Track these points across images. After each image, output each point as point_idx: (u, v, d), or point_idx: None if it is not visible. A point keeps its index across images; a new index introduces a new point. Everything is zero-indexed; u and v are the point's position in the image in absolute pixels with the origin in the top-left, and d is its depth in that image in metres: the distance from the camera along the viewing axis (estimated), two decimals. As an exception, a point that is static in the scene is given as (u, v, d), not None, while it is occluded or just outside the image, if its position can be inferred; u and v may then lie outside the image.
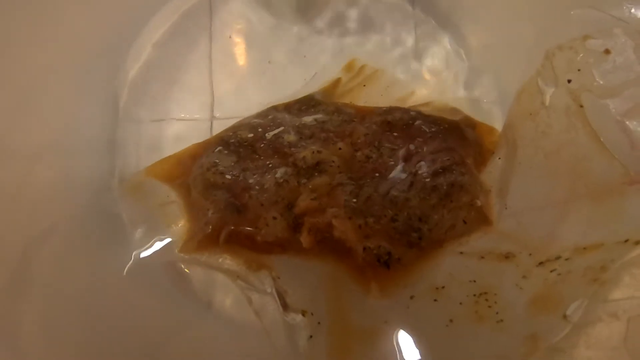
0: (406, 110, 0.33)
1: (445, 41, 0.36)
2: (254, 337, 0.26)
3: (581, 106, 0.22)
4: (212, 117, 0.35)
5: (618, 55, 0.22)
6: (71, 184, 0.30)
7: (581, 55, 0.22)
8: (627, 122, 0.21)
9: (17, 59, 0.27)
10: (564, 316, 0.20)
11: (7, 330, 0.22)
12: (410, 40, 0.37)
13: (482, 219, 0.27)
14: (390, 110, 0.32)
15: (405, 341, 0.22)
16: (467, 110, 0.34)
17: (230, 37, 0.36)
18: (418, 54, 0.36)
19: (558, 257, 0.22)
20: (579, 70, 0.22)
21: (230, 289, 0.28)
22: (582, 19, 0.23)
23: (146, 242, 0.29)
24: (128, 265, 0.28)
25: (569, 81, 0.23)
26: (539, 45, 0.26)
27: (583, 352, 0.18)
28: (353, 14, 0.38)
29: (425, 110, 0.34)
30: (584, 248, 0.22)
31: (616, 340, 0.18)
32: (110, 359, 0.24)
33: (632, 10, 0.21)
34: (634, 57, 0.21)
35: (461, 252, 0.26)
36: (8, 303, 0.23)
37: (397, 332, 0.22)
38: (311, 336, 0.22)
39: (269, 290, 0.24)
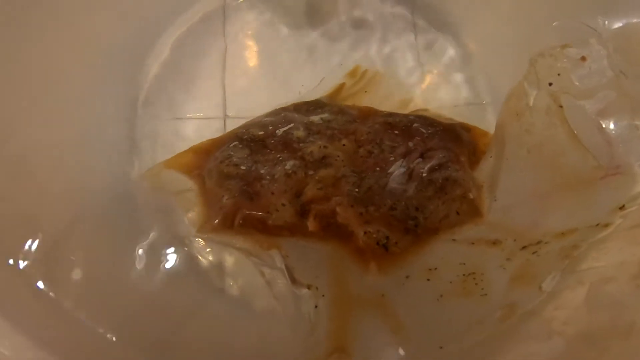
0: (406, 115, 0.35)
1: (444, 49, 0.39)
2: (263, 315, 0.28)
3: (560, 106, 0.25)
4: (225, 116, 0.37)
5: (593, 62, 0.24)
6: (93, 177, 0.31)
7: (560, 61, 0.25)
8: (601, 121, 0.24)
9: (42, 58, 0.29)
10: (540, 287, 0.22)
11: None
12: (410, 49, 0.39)
13: (473, 211, 0.29)
14: (391, 114, 0.35)
15: (399, 310, 0.24)
16: (465, 114, 0.37)
17: (242, 42, 0.39)
18: (418, 62, 0.39)
19: (539, 242, 0.25)
20: (558, 74, 0.25)
21: (240, 274, 0.31)
22: (563, 29, 0.26)
23: (164, 228, 0.31)
24: (147, 252, 0.30)
25: (550, 84, 0.25)
26: (526, 53, 0.28)
27: (551, 312, 0.21)
28: (357, 23, 0.40)
29: (424, 114, 0.36)
30: (562, 233, 0.24)
31: (578, 300, 0.21)
32: (131, 339, 0.26)
33: (606, 23, 0.24)
34: (606, 64, 0.24)
35: (454, 240, 0.28)
36: (46, 285, 0.25)
37: (393, 303, 0.25)
38: (316, 306, 0.25)
39: (279, 265, 0.27)
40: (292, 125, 0.33)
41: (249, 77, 0.38)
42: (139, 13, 0.37)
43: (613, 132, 0.24)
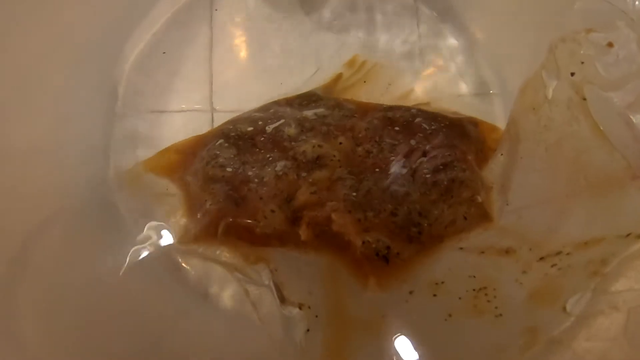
0: (407, 108, 0.32)
1: (448, 36, 0.36)
2: (250, 329, 0.26)
3: (584, 99, 0.22)
4: (212, 109, 0.34)
5: (621, 48, 0.21)
6: (68, 176, 0.29)
7: (584, 48, 0.22)
8: (631, 115, 0.21)
9: (13, 49, 0.27)
10: (564, 309, 0.20)
11: (5, 323, 0.22)
12: (412, 36, 0.37)
13: (482, 215, 0.27)
14: (392, 107, 0.32)
15: (403, 334, 0.22)
16: (470, 106, 0.34)
17: (231, 30, 0.36)
18: (420, 50, 0.36)
19: (559, 252, 0.22)
20: (582, 62, 0.22)
21: (226, 281, 0.28)
22: (585, 12, 0.23)
23: (144, 233, 0.29)
24: (126, 257, 0.28)
25: (572, 74, 0.23)
26: (542, 40, 0.26)
27: (582, 344, 0.18)
28: (354, 9, 0.37)
29: (426, 108, 0.34)
30: (585, 243, 0.21)
31: (615, 330, 0.18)
32: (110, 349, 0.24)
33: (637, 3, 0.21)
34: (636, 49, 0.21)
35: (461, 248, 0.26)
36: (6, 295, 0.23)
37: (395, 325, 0.22)
38: (308, 330, 0.22)
39: (266, 282, 0.24)
40: (282, 121, 0.30)
41: (238, 67, 0.36)
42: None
43: (644, 128, 0.21)
